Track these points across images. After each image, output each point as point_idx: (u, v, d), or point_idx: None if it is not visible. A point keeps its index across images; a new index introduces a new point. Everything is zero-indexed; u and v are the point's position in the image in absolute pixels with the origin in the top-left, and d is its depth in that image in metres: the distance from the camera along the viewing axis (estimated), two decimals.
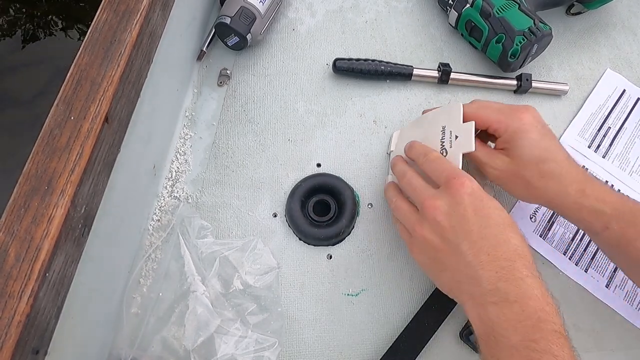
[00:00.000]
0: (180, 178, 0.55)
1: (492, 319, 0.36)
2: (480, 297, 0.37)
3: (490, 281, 0.36)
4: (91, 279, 0.40)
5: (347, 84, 0.62)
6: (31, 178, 0.35)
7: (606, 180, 0.58)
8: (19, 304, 0.31)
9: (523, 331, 0.34)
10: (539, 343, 0.33)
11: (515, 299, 0.35)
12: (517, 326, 0.34)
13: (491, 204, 0.39)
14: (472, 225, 0.38)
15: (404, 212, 0.44)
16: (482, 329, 0.37)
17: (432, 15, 0.67)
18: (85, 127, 0.37)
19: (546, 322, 0.34)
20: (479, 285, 0.37)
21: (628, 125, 0.61)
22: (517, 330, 0.34)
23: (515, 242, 0.37)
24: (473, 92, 0.62)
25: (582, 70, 0.65)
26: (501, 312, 0.35)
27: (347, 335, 0.49)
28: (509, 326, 0.35)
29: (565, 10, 0.68)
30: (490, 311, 0.36)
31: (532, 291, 0.35)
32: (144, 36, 0.44)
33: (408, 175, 0.45)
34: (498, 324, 0.35)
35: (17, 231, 0.33)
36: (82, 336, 0.41)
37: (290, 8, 0.66)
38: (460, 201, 0.39)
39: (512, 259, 0.36)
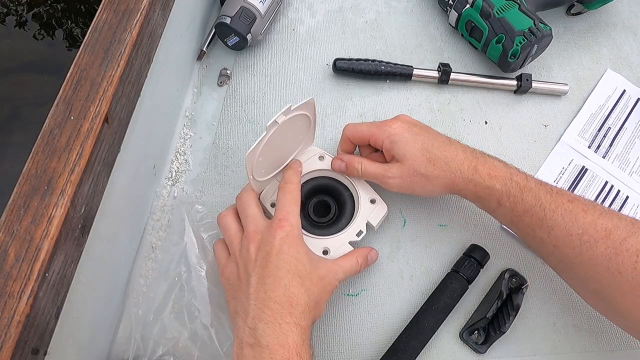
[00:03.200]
0: (180, 178, 0.55)
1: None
2: (242, 334, 0.38)
3: (255, 318, 0.38)
4: (91, 279, 0.40)
5: (347, 84, 0.61)
6: (31, 178, 0.35)
7: (606, 181, 0.58)
8: (19, 304, 0.31)
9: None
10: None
11: (267, 343, 0.36)
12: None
13: (297, 253, 0.41)
14: (269, 263, 0.40)
15: (233, 231, 0.45)
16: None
17: (432, 15, 0.67)
18: (85, 127, 0.37)
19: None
20: (245, 318, 0.39)
21: (628, 126, 0.61)
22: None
23: (293, 291, 0.39)
24: (473, 92, 0.62)
25: (582, 70, 0.65)
26: (253, 355, 0.37)
27: (347, 335, 0.49)
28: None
29: (566, 10, 0.68)
30: (246, 354, 0.37)
31: (286, 339, 0.37)
32: (144, 36, 0.44)
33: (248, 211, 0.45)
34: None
35: (16, 231, 0.33)
36: (82, 336, 0.40)
37: (290, 8, 0.66)
38: (272, 240, 0.41)
39: (281, 303, 0.38)
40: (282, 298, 0.38)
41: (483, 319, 0.47)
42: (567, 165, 0.58)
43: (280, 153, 0.49)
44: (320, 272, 0.42)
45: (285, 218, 0.42)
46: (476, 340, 0.48)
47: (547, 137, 0.60)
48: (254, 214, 0.45)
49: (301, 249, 0.42)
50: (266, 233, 0.42)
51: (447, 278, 0.50)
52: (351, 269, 0.45)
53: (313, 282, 0.41)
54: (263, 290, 0.39)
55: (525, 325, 0.50)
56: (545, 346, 0.49)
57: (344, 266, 0.44)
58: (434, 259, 0.53)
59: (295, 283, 0.39)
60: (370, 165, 0.48)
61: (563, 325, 0.50)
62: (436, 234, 0.54)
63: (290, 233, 0.41)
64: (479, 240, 0.53)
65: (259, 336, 0.37)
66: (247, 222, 0.44)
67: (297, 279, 0.40)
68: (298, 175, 0.48)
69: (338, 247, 0.48)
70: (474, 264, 0.49)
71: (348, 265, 0.45)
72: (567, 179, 0.57)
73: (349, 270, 0.45)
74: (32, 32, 1.56)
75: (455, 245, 0.53)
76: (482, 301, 0.50)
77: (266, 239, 0.42)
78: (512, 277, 0.49)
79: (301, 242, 0.42)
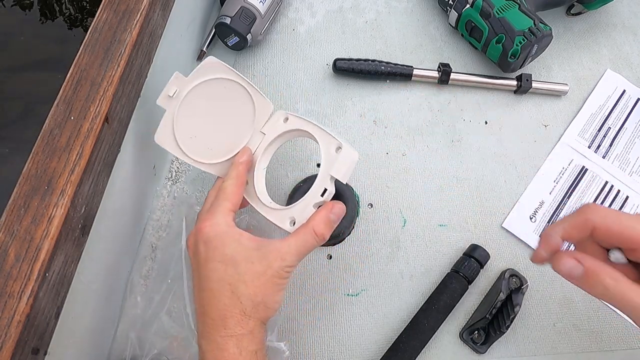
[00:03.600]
0: (180, 178, 0.55)
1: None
2: (199, 352, 0.37)
3: (200, 335, 0.37)
4: (91, 279, 0.40)
5: (347, 84, 0.61)
6: (31, 178, 0.35)
7: (606, 181, 0.58)
8: (19, 304, 0.31)
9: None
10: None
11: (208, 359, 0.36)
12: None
13: (224, 255, 0.37)
14: (200, 275, 0.38)
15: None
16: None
17: (432, 15, 0.67)
18: (85, 127, 0.37)
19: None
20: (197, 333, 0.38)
21: (628, 126, 0.61)
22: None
23: (225, 302, 0.36)
24: (473, 92, 0.62)
25: (582, 70, 0.65)
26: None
27: (347, 335, 0.49)
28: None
29: (566, 10, 0.68)
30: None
31: (222, 353, 0.35)
32: (144, 36, 0.44)
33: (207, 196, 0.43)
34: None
35: (17, 231, 0.33)
36: (82, 336, 0.40)
37: (290, 8, 0.66)
38: (198, 246, 0.38)
39: (215, 318, 0.36)
40: (214, 312, 0.36)
41: (483, 319, 0.47)
42: (567, 165, 0.58)
43: (229, 128, 0.43)
44: (258, 267, 0.36)
45: (207, 218, 0.38)
46: (476, 340, 0.48)
47: (547, 137, 0.60)
48: (203, 210, 0.41)
49: (228, 248, 0.37)
50: (195, 239, 0.39)
51: (447, 278, 0.50)
52: (304, 242, 0.37)
53: (248, 285, 0.36)
54: (201, 305, 0.37)
55: (525, 325, 0.50)
56: (545, 346, 0.49)
57: (294, 243, 0.37)
58: (434, 259, 0.53)
59: (225, 293, 0.36)
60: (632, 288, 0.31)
61: (563, 325, 0.50)
62: (436, 234, 0.54)
63: (211, 234, 0.37)
64: (479, 240, 0.53)
65: (202, 353, 0.37)
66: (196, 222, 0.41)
67: (227, 287, 0.36)
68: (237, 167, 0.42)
69: (301, 213, 0.40)
70: (474, 264, 0.49)
71: (301, 240, 0.37)
72: (567, 179, 0.57)
73: (302, 244, 0.37)
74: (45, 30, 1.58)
75: (455, 245, 0.53)
76: (482, 301, 0.50)
77: (195, 246, 0.39)
78: (512, 277, 0.49)
79: (228, 239, 0.37)
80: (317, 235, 0.38)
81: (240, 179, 0.41)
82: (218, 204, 0.39)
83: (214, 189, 0.43)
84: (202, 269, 0.37)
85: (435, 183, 0.56)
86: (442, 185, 0.56)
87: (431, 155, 0.58)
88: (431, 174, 0.57)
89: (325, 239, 0.39)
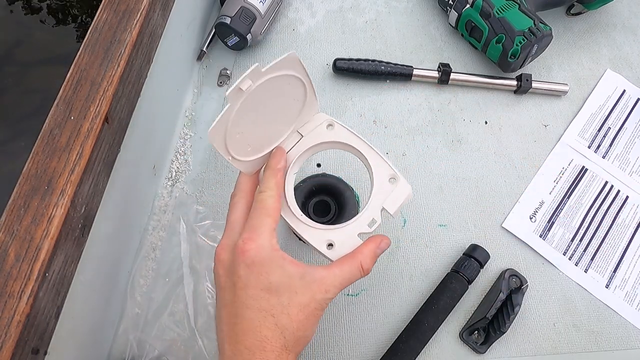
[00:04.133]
0: (180, 178, 0.55)
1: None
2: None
3: (228, 359, 0.34)
4: (91, 279, 0.40)
5: (347, 84, 0.61)
6: (31, 178, 0.35)
7: (606, 181, 0.58)
8: (19, 303, 0.31)
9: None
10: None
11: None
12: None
13: (269, 282, 0.34)
14: (237, 300, 0.34)
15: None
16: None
17: (432, 15, 0.67)
18: (85, 127, 0.37)
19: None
20: (222, 356, 0.34)
21: (628, 126, 0.61)
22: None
23: (266, 334, 0.33)
24: (473, 92, 0.62)
25: (582, 70, 0.65)
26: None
27: (347, 335, 0.49)
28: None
29: (566, 10, 0.68)
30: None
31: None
32: (144, 36, 0.44)
33: (234, 200, 0.39)
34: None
35: (17, 231, 0.33)
36: (82, 336, 0.40)
37: (290, 8, 0.66)
38: (236, 269, 0.34)
39: (252, 349, 0.33)
40: (253, 344, 0.33)
41: (483, 319, 0.47)
42: (567, 165, 0.58)
43: (270, 125, 0.39)
44: (302, 299, 0.34)
45: (251, 238, 0.34)
46: (476, 340, 0.49)
47: (547, 137, 0.60)
48: (233, 222, 0.37)
49: (273, 275, 0.34)
50: (232, 257, 0.35)
51: (447, 278, 0.50)
52: (350, 275, 0.36)
53: (292, 318, 0.34)
54: (234, 333, 0.34)
55: (525, 325, 0.50)
56: (545, 346, 0.49)
57: (339, 275, 0.35)
58: (434, 259, 0.53)
59: (267, 324, 0.33)
60: None
61: (563, 325, 0.50)
62: (436, 234, 0.54)
63: (256, 258, 0.34)
64: (479, 240, 0.53)
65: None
66: (225, 229, 0.37)
67: (270, 320, 0.33)
68: (276, 175, 0.38)
69: (345, 240, 0.38)
70: (474, 264, 0.49)
71: (347, 273, 0.36)
72: (567, 179, 0.57)
73: (347, 277, 0.36)
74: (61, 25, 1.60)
75: (455, 245, 0.53)
76: (482, 301, 0.50)
77: (232, 266, 0.35)
78: (512, 277, 0.49)
79: (274, 265, 0.34)
80: (363, 270, 0.36)
81: (280, 189, 0.38)
82: (260, 221, 0.35)
83: (241, 188, 0.39)
84: (239, 294, 0.34)
85: (435, 183, 0.56)
86: (442, 185, 0.56)
87: (431, 155, 0.58)
88: (431, 174, 0.57)
89: (368, 272, 0.37)
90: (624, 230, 0.55)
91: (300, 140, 0.41)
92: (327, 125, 0.42)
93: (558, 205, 0.56)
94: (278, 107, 0.38)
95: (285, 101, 0.38)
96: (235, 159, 0.37)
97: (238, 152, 0.37)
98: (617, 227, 0.55)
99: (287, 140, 0.41)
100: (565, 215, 0.55)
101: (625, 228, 0.55)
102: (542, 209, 0.55)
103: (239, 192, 0.39)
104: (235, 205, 0.38)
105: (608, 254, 0.54)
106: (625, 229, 0.55)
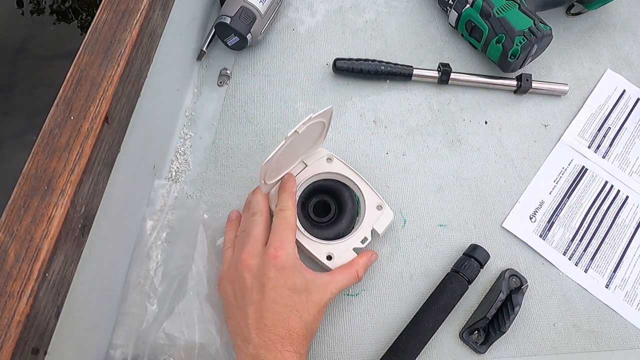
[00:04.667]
0: (180, 178, 0.55)
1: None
2: (245, 356, 0.41)
3: (257, 346, 0.40)
4: (91, 279, 0.40)
5: (347, 84, 0.61)
6: (31, 178, 0.35)
7: (606, 181, 0.58)
8: (19, 304, 0.31)
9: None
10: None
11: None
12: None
13: (295, 284, 0.42)
14: (266, 297, 0.41)
15: (228, 251, 0.46)
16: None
17: (432, 15, 0.67)
18: (85, 127, 0.37)
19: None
20: (247, 345, 0.41)
21: (628, 126, 0.61)
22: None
23: (293, 325, 0.41)
24: (473, 92, 0.62)
25: (582, 70, 0.65)
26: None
27: (347, 335, 0.49)
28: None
29: (565, 10, 0.68)
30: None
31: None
32: (144, 36, 0.44)
33: (256, 217, 0.46)
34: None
35: (17, 231, 0.33)
36: (82, 336, 0.40)
37: (290, 8, 0.66)
38: (267, 272, 0.42)
39: (282, 336, 0.40)
40: (282, 331, 0.40)
41: (483, 319, 0.47)
42: (567, 165, 0.58)
43: (291, 157, 0.49)
44: (316, 297, 0.43)
45: (281, 247, 0.43)
46: (476, 340, 0.49)
47: (547, 137, 0.60)
48: (257, 235, 0.45)
49: (297, 278, 0.42)
50: (261, 263, 0.43)
51: (447, 278, 0.50)
52: (348, 281, 0.46)
53: (309, 311, 0.42)
54: (263, 323, 0.41)
55: (525, 325, 0.50)
56: (545, 346, 0.49)
57: (340, 280, 0.45)
58: (434, 259, 0.53)
59: (293, 317, 0.41)
60: None
61: (563, 325, 0.50)
62: (436, 234, 0.54)
63: (285, 264, 0.42)
64: (479, 240, 0.53)
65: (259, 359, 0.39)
66: (247, 240, 0.44)
67: (296, 313, 0.41)
68: (293, 197, 0.47)
69: (342, 253, 0.48)
70: (474, 264, 0.49)
71: (346, 279, 0.46)
72: (567, 179, 0.57)
73: (346, 282, 0.46)
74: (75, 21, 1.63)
75: (455, 245, 0.53)
76: (482, 301, 0.50)
77: (261, 269, 0.42)
78: (512, 277, 0.49)
79: (297, 270, 0.43)
80: (357, 277, 0.47)
81: (295, 208, 0.47)
82: (286, 234, 0.44)
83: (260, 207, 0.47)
84: (269, 292, 0.41)
85: (435, 183, 0.56)
86: (442, 185, 0.56)
87: (431, 155, 0.58)
88: (431, 173, 0.57)
89: (360, 278, 0.47)
90: (624, 230, 0.55)
91: (304, 169, 0.51)
92: (327, 159, 0.52)
93: (558, 205, 0.56)
94: (302, 143, 0.48)
95: (308, 139, 0.48)
96: (265, 183, 0.46)
97: (267, 177, 0.46)
98: (617, 227, 0.55)
99: (295, 168, 0.51)
100: (565, 215, 0.55)
101: (625, 228, 0.55)
102: (542, 209, 0.55)
103: (258, 211, 0.46)
104: (257, 221, 0.46)
105: (608, 254, 0.54)
106: (625, 229, 0.55)
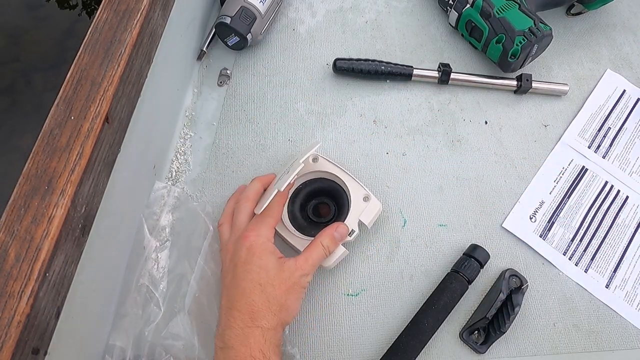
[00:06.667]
0: (180, 178, 0.55)
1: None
2: (216, 340, 0.42)
3: (223, 326, 0.41)
4: (91, 279, 0.40)
5: (347, 84, 0.61)
6: (31, 178, 0.35)
7: (606, 181, 0.58)
8: (19, 304, 0.31)
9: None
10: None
11: (232, 345, 0.40)
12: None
13: (261, 261, 0.43)
14: (236, 275, 0.43)
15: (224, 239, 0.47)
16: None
17: (432, 15, 0.67)
18: (86, 127, 0.37)
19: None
20: (217, 328, 0.42)
21: (628, 126, 0.61)
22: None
23: (254, 298, 0.41)
24: (473, 92, 0.62)
25: (582, 70, 0.65)
26: (223, 357, 0.41)
27: (347, 335, 0.49)
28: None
29: (566, 10, 0.68)
30: (218, 356, 0.41)
31: (247, 339, 0.40)
32: (144, 36, 0.44)
33: (241, 204, 0.48)
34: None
35: (17, 231, 0.33)
36: (82, 336, 0.40)
37: (291, 8, 0.66)
38: (239, 251, 0.44)
39: (243, 311, 0.41)
40: (244, 307, 0.41)
41: (483, 319, 0.47)
42: (567, 165, 0.58)
43: None
44: (284, 274, 0.43)
45: (254, 229, 0.44)
46: (476, 340, 0.49)
47: (547, 137, 0.60)
48: (241, 221, 0.46)
49: (266, 256, 0.43)
50: (236, 245, 0.44)
51: (447, 278, 0.50)
52: (317, 254, 0.45)
53: (275, 287, 0.42)
54: (229, 301, 0.42)
55: (525, 325, 0.50)
56: (545, 346, 0.49)
57: (310, 257, 0.45)
58: (434, 259, 0.53)
59: (256, 291, 0.42)
60: None
61: (563, 325, 0.50)
62: (436, 234, 0.54)
63: (255, 242, 0.43)
64: (479, 240, 0.53)
65: (226, 340, 0.40)
66: (232, 229, 0.46)
67: (258, 287, 0.42)
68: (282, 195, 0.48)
69: None
70: (474, 264, 0.49)
71: (314, 254, 0.45)
72: (567, 179, 0.57)
73: (317, 258, 0.45)
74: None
75: (455, 245, 0.53)
76: (482, 301, 0.50)
77: (236, 251, 0.44)
78: (512, 277, 0.49)
79: (267, 250, 0.43)
80: (323, 247, 0.46)
81: (283, 200, 0.48)
82: (262, 219, 0.45)
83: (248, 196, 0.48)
84: (238, 270, 0.43)
85: (435, 183, 0.56)
86: (442, 185, 0.56)
87: (431, 155, 0.58)
88: (431, 173, 0.57)
89: (331, 251, 0.47)
90: (624, 230, 0.55)
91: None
92: (313, 159, 0.52)
93: (558, 205, 0.56)
94: None
95: None
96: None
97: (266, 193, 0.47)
98: (617, 227, 0.55)
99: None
100: (565, 215, 0.55)
101: (625, 228, 0.55)
102: (542, 209, 0.55)
103: (245, 199, 0.48)
104: (242, 209, 0.47)
105: (608, 254, 0.54)
106: (625, 229, 0.55)
